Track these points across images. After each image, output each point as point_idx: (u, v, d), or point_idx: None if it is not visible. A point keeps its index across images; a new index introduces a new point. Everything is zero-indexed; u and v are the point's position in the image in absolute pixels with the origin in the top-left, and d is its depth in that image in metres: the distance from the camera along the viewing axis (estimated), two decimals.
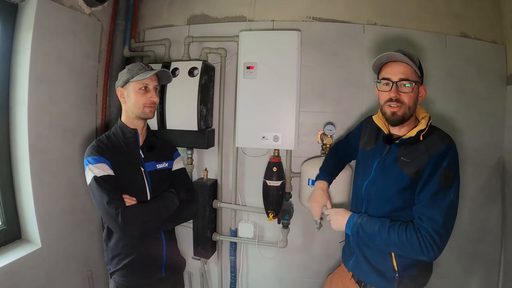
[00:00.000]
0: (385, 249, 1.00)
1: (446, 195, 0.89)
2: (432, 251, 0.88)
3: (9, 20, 1.39)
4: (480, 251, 1.72)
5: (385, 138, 1.05)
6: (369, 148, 1.14)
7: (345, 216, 1.06)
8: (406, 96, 0.96)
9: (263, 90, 1.55)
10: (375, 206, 1.05)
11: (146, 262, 1.15)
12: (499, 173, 1.69)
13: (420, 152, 0.95)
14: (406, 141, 0.99)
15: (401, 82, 0.96)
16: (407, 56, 0.97)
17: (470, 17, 1.69)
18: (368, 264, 1.07)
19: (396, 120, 0.98)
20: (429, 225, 0.88)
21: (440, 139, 0.95)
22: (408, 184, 0.96)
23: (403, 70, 0.97)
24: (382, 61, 1.02)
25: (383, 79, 1.00)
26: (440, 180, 0.89)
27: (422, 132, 0.97)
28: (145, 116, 1.12)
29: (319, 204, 1.19)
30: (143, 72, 1.09)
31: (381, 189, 1.04)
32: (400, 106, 0.96)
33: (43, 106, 1.44)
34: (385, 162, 1.04)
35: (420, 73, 1.00)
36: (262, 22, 1.73)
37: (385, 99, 0.99)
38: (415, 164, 0.95)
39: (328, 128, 1.61)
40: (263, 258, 1.84)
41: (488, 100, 1.68)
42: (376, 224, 0.97)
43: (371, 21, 1.68)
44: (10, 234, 1.44)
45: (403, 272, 1.01)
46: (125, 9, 1.82)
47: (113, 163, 1.07)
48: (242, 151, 1.79)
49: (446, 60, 1.66)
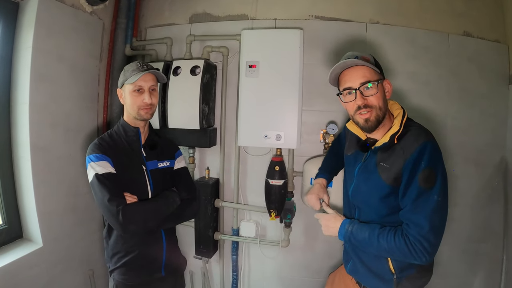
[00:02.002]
0: (378, 255, 0.97)
1: (429, 198, 0.85)
2: (423, 256, 0.85)
3: (10, 19, 1.39)
4: (482, 250, 1.71)
5: (360, 146, 1.02)
6: (350, 154, 1.12)
7: (336, 223, 1.03)
8: (373, 98, 0.92)
9: (266, 89, 1.54)
10: (365, 211, 1.03)
11: (145, 260, 1.15)
12: (501, 172, 1.69)
13: (397, 156, 0.91)
14: (381, 147, 0.96)
15: (363, 86, 0.92)
16: (360, 58, 0.92)
17: (473, 16, 1.68)
18: (365, 267, 1.06)
19: (371, 127, 0.94)
20: (415, 232, 0.85)
21: (415, 139, 0.90)
22: (388, 191, 0.93)
23: (361, 74, 0.92)
24: (337, 72, 0.97)
25: (344, 89, 0.96)
26: (420, 183, 0.85)
27: (396, 135, 0.93)
28: (141, 118, 1.11)
29: (314, 196, 1.18)
30: (135, 74, 1.07)
31: (365, 197, 1.02)
32: (371, 110, 0.92)
33: (45, 105, 1.44)
34: (366, 168, 1.01)
35: (379, 69, 0.96)
36: (264, 21, 1.73)
37: (354, 109, 0.95)
38: (393, 169, 0.91)
39: (331, 127, 1.61)
40: (265, 258, 1.83)
41: (490, 99, 1.67)
42: (366, 232, 0.94)
43: (374, 20, 1.67)
44: (12, 233, 1.44)
45: (400, 274, 0.99)
46: (127, 7, 1.82)
47: (115, 161, 1.07)
48: (244, 150, 1.78)
49: (449, 59, 1.66)
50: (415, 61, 1.63)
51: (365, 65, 0.92)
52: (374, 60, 0.97)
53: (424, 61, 1.64)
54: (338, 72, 0.98)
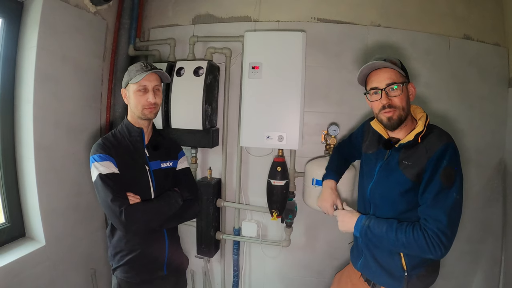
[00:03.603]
0: (393, 249, 1.01)
1: (448, 195, 0.90)
2: (440, 250, 0.90)
3: (15, 18, 1.39)
4: (481, 251, 1.73)
5: (384, 144, 1.07)
6: (370, 152, 1.16)
7: (353, 218, 1.08)
8: (397, 99, 0.98)
9: (268, 90, 1.55)
10: (382, 208, 1.06)
11: (148, 259, 1.16)
12: (500, 174, 1.71)
13: (420, 154, 0.96)
14: (405, 145, 1.01)
15: (389, 87, 0.98)
16: (388, 61, 0.99)
17: (473, 20, 1.70)
18: (377, 264, 1.08)
19: (394, 124, 1.00)
20: (434, 226, 0.90)
21: (438, 139, 0.96)
22: (410, 186, 0.97)
23: (388, 76, 0.99)
24: (366, 72, 1.04)
25: (371, 89, 1.02)
26: (442, 180, 0.90)
27: (420, 135, 0.98)
28: (145, 117, 1.12)
29: (329, 204, 1.21)
30: (139, 74, 1.08)
31: (384, 192, 1.05)
32: (394, 110, 0.98)
33: (48, 104, 1.44)
34: (388, 166, 1.05)
35: (404, 73, 1.02)
36: (267, 23, 1.74)
37: (379, 108, 1.01)
38: (416, 166, 0.96)
39: (332, 129, 1.62)
40: (266, 257, 1.84)
41: (490, 101, 1.69)
42: (383, 226, 0.98)
43: (375, 23, 1.69)
44: (15, 232, 1.44)
45: (412, 271, 1.02)
46: (130, 8, 1.83)
47: (119, 161, 1.08)
48: (246, 151, 1.79)
49: (449, 62, 1.68)
50: (416, 63, 1.65)
51: (392, 68, 0.98)
52: (400, 64, 1.02)
53: (424, 64, 1.66)
54: (366, 73, 1.04)
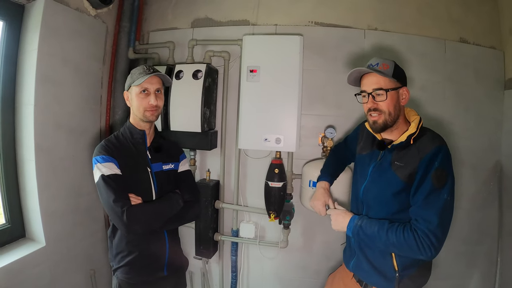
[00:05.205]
0: (385, 249, 1.02)
1: (439, 196, 0.92)
2: (430, 251, 0.91)
3: (16, 21, 1.41)
4: (477, 252, 1.75)
5: (377, 145, 1.09)
6: (365, 153, 1.18)
7: (346, 218, 1.09)
8: (383, 104, 1.00)
9: (266, 93, 1.57)
10: (374, 209, 1.08)
11: (148, 260, 1.17)
12: (496, 176, 1.72)
13: (412, 155, 0.98)
14: (397, 146, 1.03)
15: (375, 92, 1.01)
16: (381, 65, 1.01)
17: (469, 23, 1.72)
18: (369, 264, 1.10)
19: (377, 128, 1.04)
20: (425, 226, 0.91)
21: (431, 141, 0.98)
22: (402, 187, 0.98)
23: (376, 81, 1.01)
24: (356, 76, 1.07)
25: (361, 91, 1.07)
26: (433, 181, 0.92)
27: (413, 136, 1.00)
28: (147, 120, 1.14)
29: (320, 202, 1.22)
30: (141, 76, 1.10)
31: (377, 193, 1.07)
32: (380, 114, 1.01)
33: (49, 107, 1.46)
34: (380, 166, 1.07)
35: (400, 76, 1.03)
36: (265, 26, 1.76)
37: (366, 110, 1.06)
38: (408, 167, 0.97)
39: (329, 131, 1.64)
40: (264, 258, 1.86)
41: (486, 104, 1.71)
42: (375, 226, 1.00)
43: (372, 26, 1.71)
44: (15, 233, 1.46)
45: (403, 272, 1.04)
46: (130, 11, 1.85)
47: (121, 162, 1.10)
48: (244, 153, 1.81)
49: (445, 65, 1.69)
50: (412, 67, 1.66)
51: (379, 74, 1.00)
52: (394, 68, 1.03)
53: (420, 67, 1.68)
54: (358, 76, 1.08)
